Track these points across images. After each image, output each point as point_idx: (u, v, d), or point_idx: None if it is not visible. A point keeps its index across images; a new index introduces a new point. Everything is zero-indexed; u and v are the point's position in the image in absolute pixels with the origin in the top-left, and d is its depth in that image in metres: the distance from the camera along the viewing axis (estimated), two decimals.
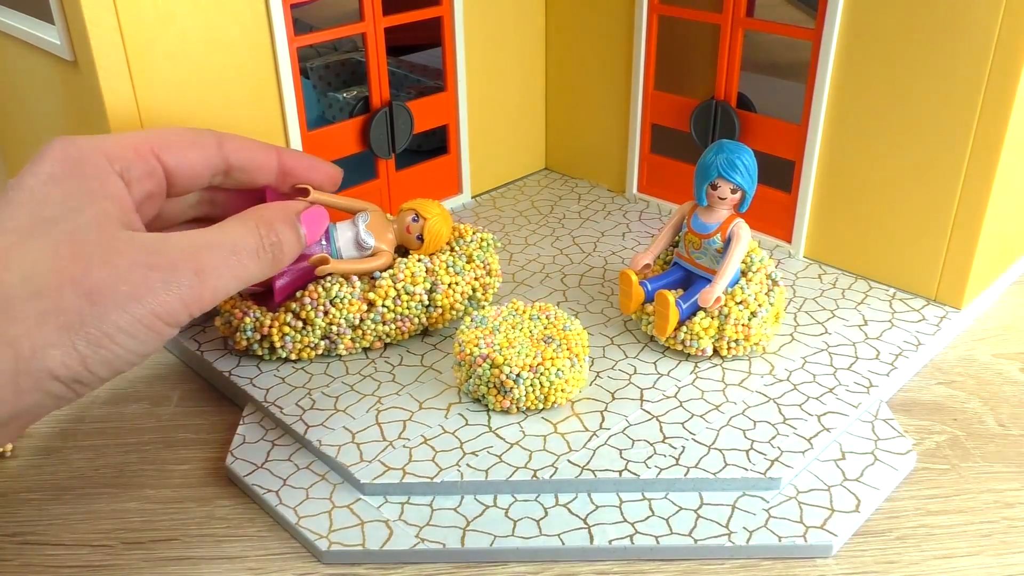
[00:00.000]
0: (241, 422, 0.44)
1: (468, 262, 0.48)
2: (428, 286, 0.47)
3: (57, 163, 0.35)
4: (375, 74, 0.55)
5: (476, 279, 0.48)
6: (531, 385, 0.41)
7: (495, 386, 0.42)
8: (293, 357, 0.46)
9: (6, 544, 0.39)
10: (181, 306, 0.34)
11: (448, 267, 0.47)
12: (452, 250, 0.49)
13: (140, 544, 0.38)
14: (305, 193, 0.45)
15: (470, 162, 0.63)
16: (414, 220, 0.47)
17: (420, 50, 0.80)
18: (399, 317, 0.47)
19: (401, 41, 0.64)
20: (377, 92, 0.56)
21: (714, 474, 0.39)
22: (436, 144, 0.64)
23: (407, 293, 0.46)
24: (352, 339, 0.46)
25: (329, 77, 0.70)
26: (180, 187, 0.41)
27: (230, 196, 0.45)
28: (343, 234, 0.46)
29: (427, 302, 0.47)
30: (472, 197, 0.65)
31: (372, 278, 0.46)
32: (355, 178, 0.57)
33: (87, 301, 0.31)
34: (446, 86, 0.60)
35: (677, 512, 0.38)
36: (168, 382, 0.49)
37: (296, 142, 0.52)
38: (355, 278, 0.46)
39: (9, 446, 0.43)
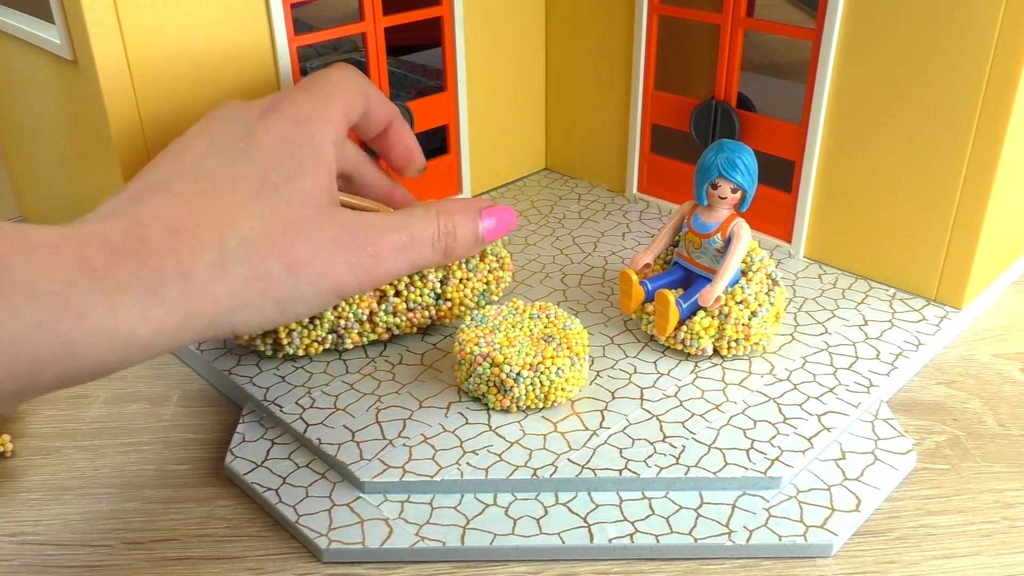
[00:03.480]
0: (241, 421, 0.44)
1: (482, 259, 0.48)
2: (440, 276, 0.47)
3: (289, 122, 0.38)
4: (375, 74, 0.55)
5: (490, 272, 0.48)
6: (531, 384, 0.41)
7: (495, 385, 0.42)
8: (300, 353, 0.46)
9: (6, 544, 0.39)
10: (355, 282, 0.37)
11: (461, 263, 0.47)
12: None
13: (140, 544, 0.38)
14: None
15: (470, 162, 0.63)
16: None
17: (420, 50, 0.80)
18: (411, 307, 0.47)
19: (401, 41, 0.64)
20: None
21: (714, 473, 0.39)
22: (436, 144, 0.64)
23: (421, 279, 0.46)
24: (359, 333, 0.46)
25: None
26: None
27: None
28: None
29: (439, 292, 0.47)
30: (472, 197, 0.65)
31: None
32: None
33: (287, 272, 0.34)
34: (446, 86, 0.60)
35: (677, 511, 0.38)
36: (168, 382, 0.48)
37: None
38: None
39: (9, 446, 0.43)
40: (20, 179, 0.61)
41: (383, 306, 0.46)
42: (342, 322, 0.45)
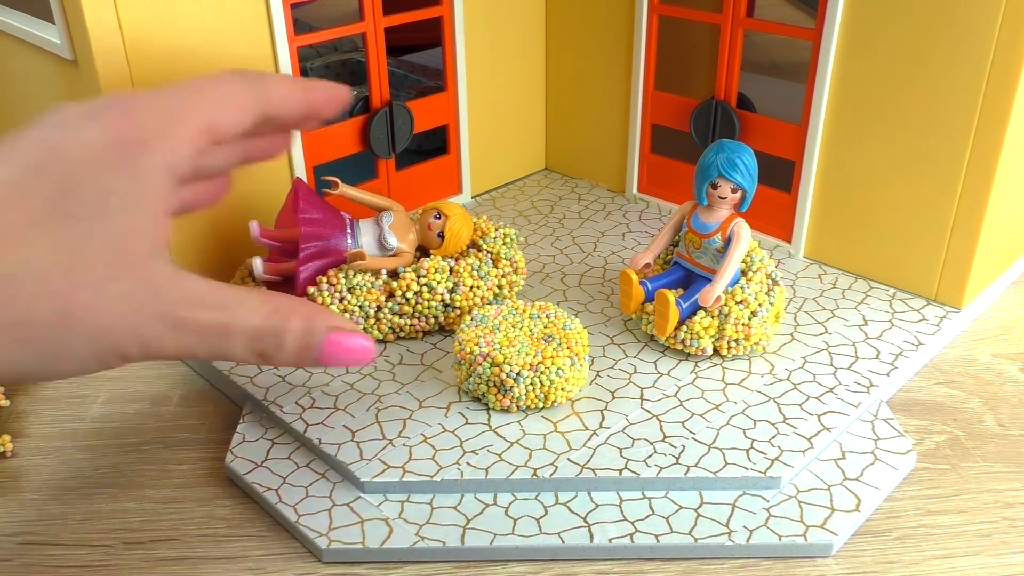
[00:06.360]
0: (241, 421, 0.44)
1: (495, 263, 0.48)
2: (450, 286, 0.47)
3: (112, 138, 0.30)
4: (375, 74, 0.55)
5: (503, 276, 0.48)
6: (531, 384, 0.41)
7: (495, 385, 0.42)
8: None
9: (6, 544, 0.39)
10: (139, 352, 0.31)
11: (473, 270, 0.47)
12: (478, 250, 0.49)
13: (140, 544, 0.38)
14: (334, 186, 0.45)
15: (470, 162, 0.63)
16: (436, 218, 0.47)
17: (420, 50, 0.80)
18: (417, 314, 0.47)
19: (401, 41, 0.64)
20: (377, 92, 0.56)
21: (714, 473, 0.39)
22: (436, 144, 0.64)
23: (429, 291, 0.46)
24: (365, 329, 0.46)
25: (329, 77, 0.70)
26: (220, 142, 0.35)
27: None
28: (366, 233, 0.46)
29: (447, 301, 0.47)
30: (472, 197, 0.65)
31: (395, 273, 0.46)
32: (355, 178, 0.57)
33: (57, 322, 0.29)
34: (446, 86, 0.60)
35: (677, 511, 0.38)
36: (168, 382, 0.48)
37: (296, 142, 0.52)
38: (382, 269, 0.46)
39: (10, 446, 0.43)
40: None
41: (390, 304, 0.46)
42: (348, 315, 0.45)
